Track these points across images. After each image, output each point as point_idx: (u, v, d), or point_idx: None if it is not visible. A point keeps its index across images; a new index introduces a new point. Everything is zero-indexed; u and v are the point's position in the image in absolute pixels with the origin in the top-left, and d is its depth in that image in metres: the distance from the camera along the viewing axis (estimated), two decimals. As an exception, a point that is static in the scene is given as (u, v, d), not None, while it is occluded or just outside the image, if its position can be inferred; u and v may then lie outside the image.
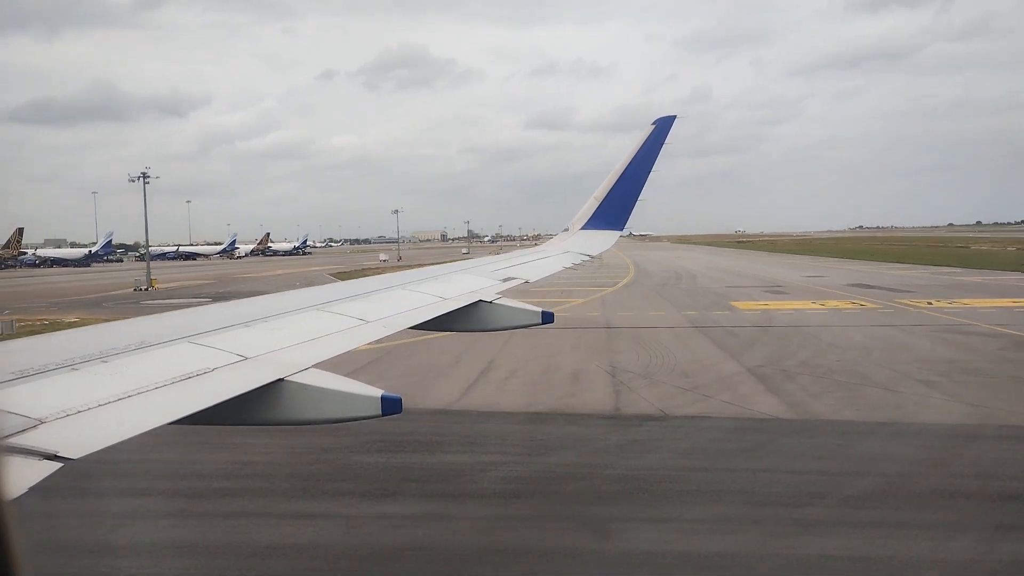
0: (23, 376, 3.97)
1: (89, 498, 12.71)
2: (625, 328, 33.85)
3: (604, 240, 16.02)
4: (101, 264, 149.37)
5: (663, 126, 15.65)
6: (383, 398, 5.03)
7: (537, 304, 9.01)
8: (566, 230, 17.19)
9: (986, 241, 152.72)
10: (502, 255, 16.94)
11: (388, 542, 11.03)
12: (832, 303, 42.42)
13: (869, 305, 40.59)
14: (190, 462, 15.12)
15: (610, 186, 16.02)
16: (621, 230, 16.29)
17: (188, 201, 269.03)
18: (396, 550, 10.78)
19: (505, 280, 10.99)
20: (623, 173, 15.76)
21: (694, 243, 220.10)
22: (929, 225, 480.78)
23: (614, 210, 15.97)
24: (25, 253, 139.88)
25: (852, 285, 54.73)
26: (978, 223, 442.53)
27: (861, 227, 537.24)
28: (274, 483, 13.85)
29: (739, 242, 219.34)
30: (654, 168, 15.49)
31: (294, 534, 11.38)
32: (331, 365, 5.26)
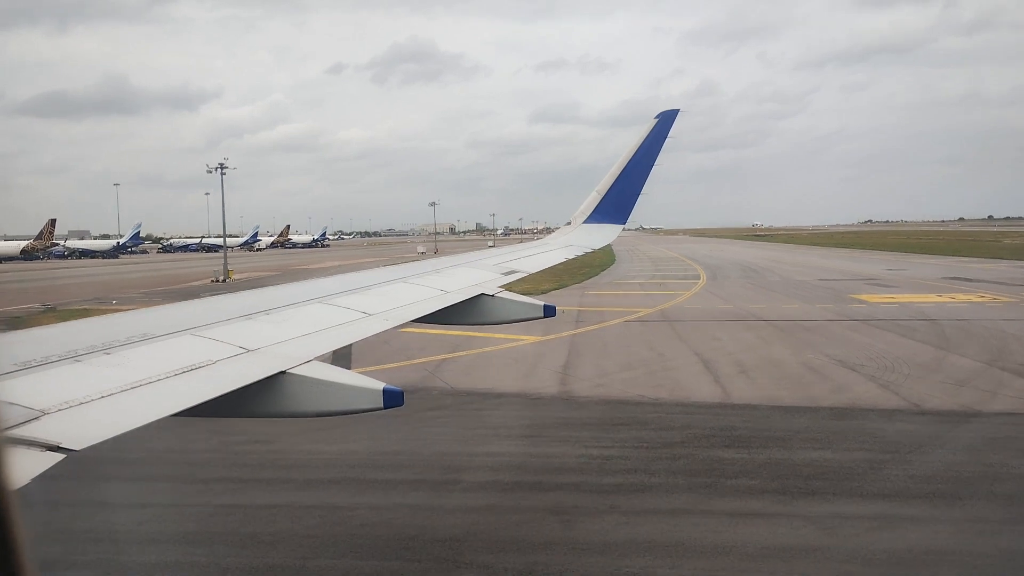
0: (26, 367, 3.93)
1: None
2: (783, 321, 33.30)
3: (606, 234, 15.96)
4: (128, 256, 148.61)
5: (666, 120, 15.45)
6: (385, 391, 5.03)
7: (637, 294, 8.51)
8: (568, 224, 17.21)
9: (1015, 235, 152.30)
10: (516, 246, 17.06)
11: (896, 546, 10.45)
12: (962, 296, 41.85)
13: (1004, 299, 40.04)
14: (544, 456, 14.65)
15: (612, 180, 15.90)
16: (624, 224, 16.23)
17: (207, 193, 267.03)
18: (925, 555, 10.21)
19: (507, 273, 10.99)
20: (626, 167, 15.61)
21: (714, 236, 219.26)
22: (939, 219, 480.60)
23: (617, 204, 15.88)
24: (57, 244, 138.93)
25: (949, 279, 54.25)
26: (990, 217, 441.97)
27: (870, 221, 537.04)
28: (661, 478, 13.32)
29: (756, 236, 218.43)
30: (657, 162, 15.36)
31: (786, 535, 10.84)
32: (519, 358, 4.74)
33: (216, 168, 66.50)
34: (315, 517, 11.95)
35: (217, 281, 63.75)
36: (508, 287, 9.81)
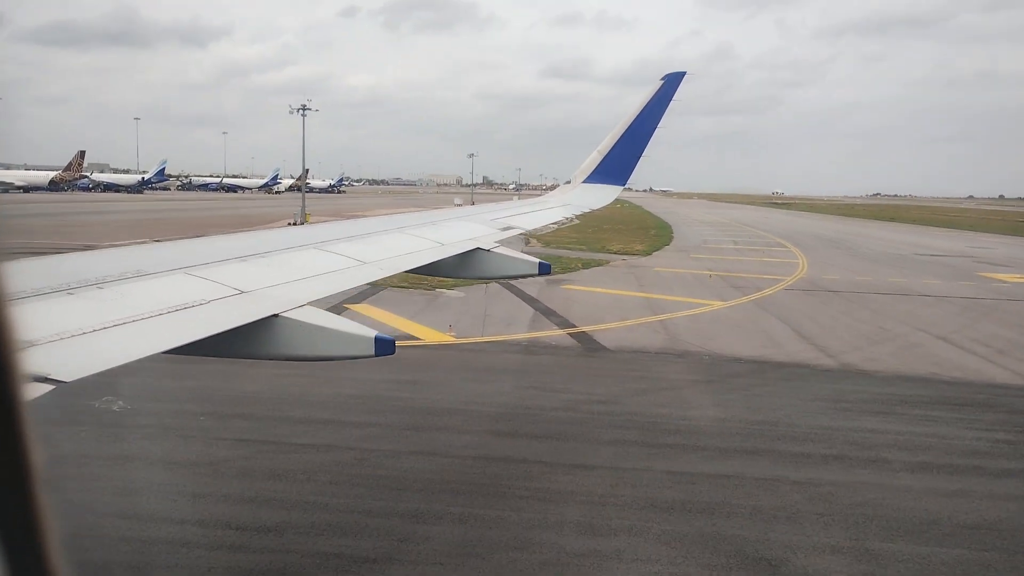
0: (18, 298, 3.86)
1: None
2: (950, 297, 32.71)
3: (606, 194, 15.94)
4: (151, 192, 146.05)
5: (672, 82, 15.12)
6: (377, 339, 5.09)
7: (750, 260, 7.79)
8: (568, 183, 17.12)
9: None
10: (515, 203, 17.13)
11: None
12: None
13: None
14: (943, 437, 14.06)
15: (614, 141, 15.66)
16: (624, 185, 16.16)
17: (224, 133, 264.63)
18: None
19: (504, 229, 10.93)
20: (628, 128, 15.37)
21: (731, 202, 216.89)
22: (947, 196, 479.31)
23: (617, 165, 15.70)
24: (86, 176, 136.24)
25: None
26: (1001, 197, 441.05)
27: (879, 194, 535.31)
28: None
29: (775, 204, 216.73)
30: (662, 124, 15.17)
31: None
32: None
33: (298, 109, 64.66)
34: (797, 494, 11.39)
35: (294, 223, 62.53)
36: (557, 244, 9.86)
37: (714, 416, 14.97)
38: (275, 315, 4.85)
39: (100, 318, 3.95)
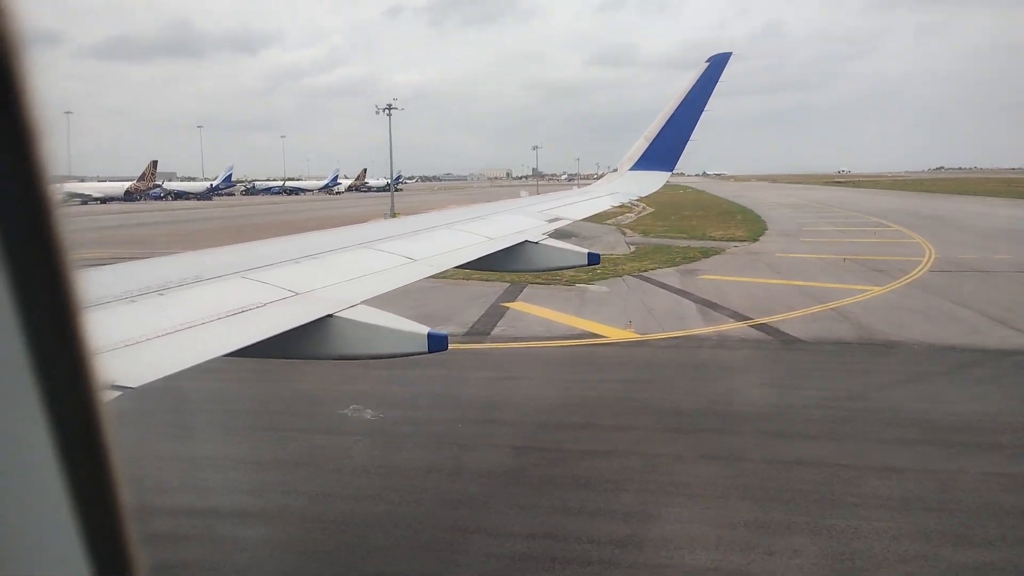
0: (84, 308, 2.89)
1: None
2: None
3: (653, 181, 15.63)
4: (220, 198, 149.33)
5: (718, 64, 14.66)
6: (430, 335, 5.08)
7: (867, 242, 6.30)
8: (615, 171, 16.85)
9: None
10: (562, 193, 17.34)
11: None
12: None
13: None
14: None
15: (661, 126, 15.29)
16: (671, 170, 15.72)
17: (283, 136, 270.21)
18: None
19: (551, 220, 10.78)
20: (675, 113, 14.99)
21: (796, 183, 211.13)
22: (1012, 167, 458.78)
23: (664, 150, 15.36)
24: (160, 185, 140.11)
25: None
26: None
27: (942, 168, 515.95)
28: None
29: (838, 183, 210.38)
30: (708, 107, 14.63)
31: None
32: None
33: (384, 109, 65.06)
34: None
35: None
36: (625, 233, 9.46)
37: (987, 411, 14.07)
38: (330, 315, 4.93)
39: (162, 324, 4.04)
